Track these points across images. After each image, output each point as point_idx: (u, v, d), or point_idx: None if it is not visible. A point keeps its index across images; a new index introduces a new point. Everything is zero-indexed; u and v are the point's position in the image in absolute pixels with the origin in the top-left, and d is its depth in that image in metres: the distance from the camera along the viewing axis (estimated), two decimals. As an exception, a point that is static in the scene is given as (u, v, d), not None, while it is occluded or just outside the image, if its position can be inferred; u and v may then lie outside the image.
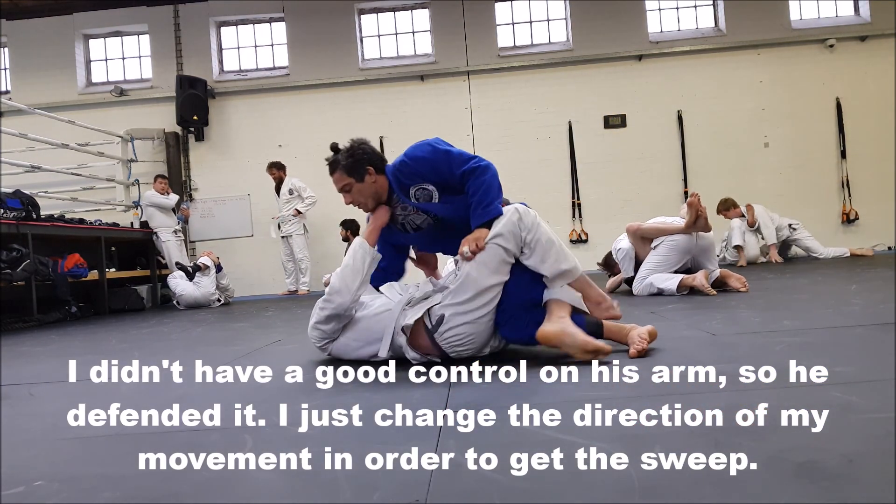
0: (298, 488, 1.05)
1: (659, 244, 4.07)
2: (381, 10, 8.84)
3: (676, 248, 4.01)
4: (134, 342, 3.63)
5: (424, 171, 2.11)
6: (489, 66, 8.46)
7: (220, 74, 8.82)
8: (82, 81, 8.85)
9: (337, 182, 2.18)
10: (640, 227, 4.20)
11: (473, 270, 1.96)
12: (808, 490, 0.88)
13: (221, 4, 8.73)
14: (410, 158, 2.13)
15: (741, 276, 3.87)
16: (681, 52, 8.41)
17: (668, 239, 4.05)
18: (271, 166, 7.49)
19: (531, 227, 1.98)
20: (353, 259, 2.11)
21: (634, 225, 4.26)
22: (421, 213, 2.21)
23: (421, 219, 2.22)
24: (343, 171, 2.16)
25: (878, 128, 8.13)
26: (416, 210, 2.20)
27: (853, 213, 8.13)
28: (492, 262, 1.96)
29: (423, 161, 2.12)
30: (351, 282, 2.07)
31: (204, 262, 6.60)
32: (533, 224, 1.99)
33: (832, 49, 8.27)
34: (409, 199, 2.15)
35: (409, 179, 2.12)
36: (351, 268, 2.09)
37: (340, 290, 2.06)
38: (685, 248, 4.02)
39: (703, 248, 4.08)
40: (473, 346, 2.02)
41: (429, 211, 2.18)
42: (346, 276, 2.08)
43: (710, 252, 4.12)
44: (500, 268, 1.98)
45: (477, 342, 2.02)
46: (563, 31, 8.69)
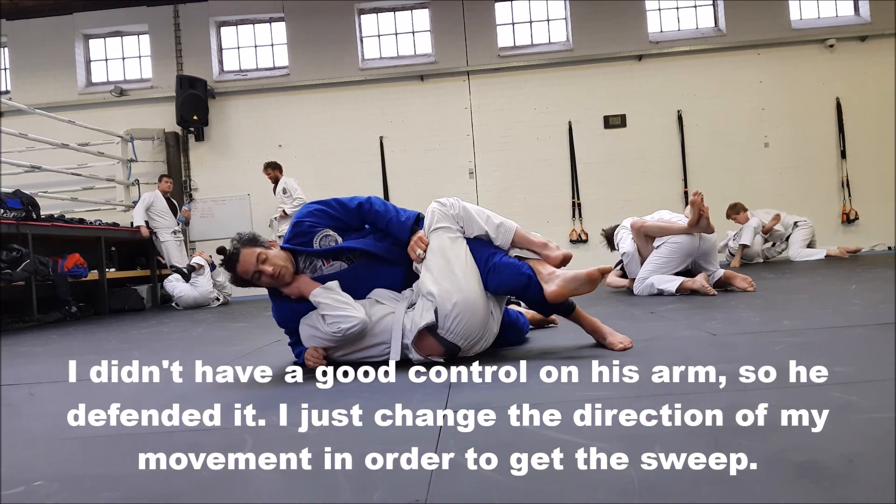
0: (298, 488, 1.05)
1: (662, 244, 4.06)
2: (381, 10, 8.84)
3: (680, 249, 3.99)
4: (134, 342, 3.63)
5: (321, 220, 2.21)
6: (489, 66, 8.46)
7: (220, 74, 8.82)
8: (82, 81, 8.85)
9: (249, 258, 2.10)
10: (644, 224, 4.18)
11: (435, 259, 2.03)
12: (808, 490, 0.88)
13: (221, 4, 8.73)
14: (303, 216, 2.23)
15: (746, 276, 3.84)
16: (681, 52, 8.41)
17: (670, 240, 4.02)
18: (267, 166, 7.50)
19: (454, 206, 2.10)
20: (325, 303, 2.06)
21: (638, 221, 4.24)
22: (332, 262, 2.19)
23: (334, 268, 2.19)
24: (248, 245, 2.14)
25: (878, 128, 8.13)
26: (326, 260, 2.19)
27: (853, 213, 8.13)
28: (444, 243, 2.05)
29: (316, 213, 2.22)
30: (344, 311, 2.04)
31: (197, 262, 6.60)
32: (454, 204, 2.11)
33: (832, 49, 8.27)
34: (316, 248, 2.18)
35: (310, 230, 2.20)
36: (331, 307, 2.05)
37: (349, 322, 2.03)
38: (688, 250, 3.99)
39: (705, 252, 4.06)
40: (475, 329, 2.02)
41: (340, 251, 2.18)
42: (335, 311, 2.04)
43: (711, 254, 4.11)
44: (456, 241, 2.06)
45: (477, 324, 2.02)
46: (563, 31, 8.69)
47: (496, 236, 2.10)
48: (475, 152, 8.44)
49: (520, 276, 2.03)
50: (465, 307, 1.98)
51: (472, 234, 2.09)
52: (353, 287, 2.14)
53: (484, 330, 2.06)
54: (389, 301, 2.15)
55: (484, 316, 2.04)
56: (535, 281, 2.03)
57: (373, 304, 2.16)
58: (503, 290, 2.09)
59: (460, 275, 2.00)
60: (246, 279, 2.14)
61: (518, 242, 2.10)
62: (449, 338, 2.01)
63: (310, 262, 2.20)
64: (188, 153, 8.67)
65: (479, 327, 2.03)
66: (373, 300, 2.17)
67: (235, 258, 2.12)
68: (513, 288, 2.07)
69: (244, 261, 2.11)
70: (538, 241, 2.11)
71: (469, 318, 1.99)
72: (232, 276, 2.17)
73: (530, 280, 2.03)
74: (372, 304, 2.16)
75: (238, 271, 2.12)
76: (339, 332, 2.03)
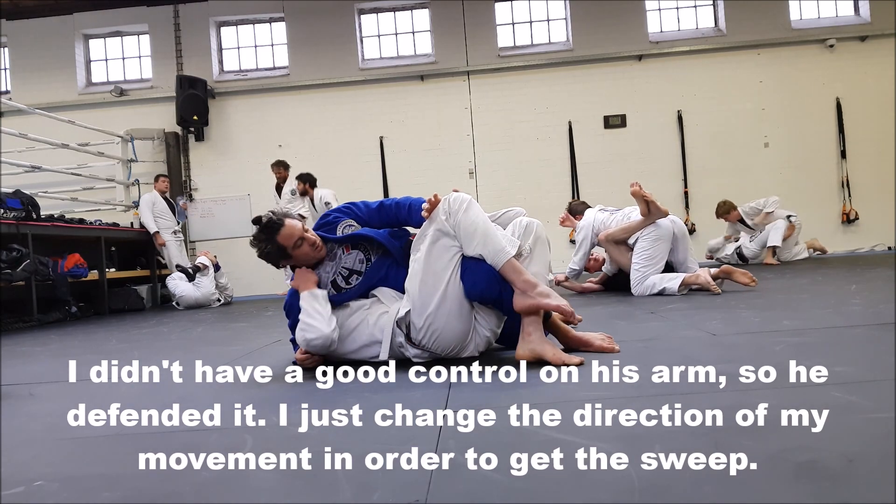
0: (298, 488, 1.05)
1: (638, 241, 4.09)
2: (381, 10, 8.84)
3: (658, 237, 4.03)
4: (134, 342, 3.63)
5: (346, 214, 2.36)
6: (489, 66, 8.46)
7: (220, 74, 8.82)
8: (82, 81, 8.85)
9: (294, 225, 2.18)
10: (609, 233, 4.24)
11: (418, 265, 2.00)
12: (808, 490, 0.88)
13: (221, 4, 8.73)
14: (331, 211, 2.41)
15: (747, 272, 3.83)
16: (681, 52, 8.41)
17: (643, 234, 4.07)
18: (277, 164, 7.40)
19: (454, 212, 1.98)
20: (304, 308, 2.08)
21: (603, 234, 4.29)
22: (351, 251, 2.23)
23: (352, 258, 2.22)
24: (289, 218, 2.22)
25: (878, 128, 8.14)
26: (346, 247, 2.24)
27: (853, 213, 8.13)
28: (432, 248, 2.00)
29: (342, 209, 2.38)
30: (314, 321, 2.04)
31: (202, 263, 6.60)
32: (458, 209, 1.98)
33: (832, 49, 8.27)
34: (338, 235, 2.26)
35: (335, 220, 2.33)
36: (307, 313, 2.06)
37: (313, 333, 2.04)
38: (665, 234, 4.04)
39: (682, 233, 4.15)
40: (451, 342, 2.00)
41: (359, 239, 2.24)
42: (307, 319, 2.05)
43: (686, 238, 4.20)
44: (439, 245, 1.99)
45: (452, 338, 2.00)
46: (563, 31, 8.69)
47: (491, 261, 1.96)
48: (475, 152, 8.44)
49: (494, 282, 1.94)
50: (437, 324, 1.97)
51: (463, 250, 1.98)
52: (370, 283, 2.20)
53: (464, 340, 2.03)
54: (389, 300, 2.15)
55: (461, 330, 2.00)
56: (509, 293, 1.95)
57: (374, 302, 2.17)
58: (476, 293, 1.97)
59: (439, 291, 1.95)
60: (285, 247, 2.16)
61: (504, 275, 1.94)
62: (424, 347, 2.02)
63: (331, 250, 2.25)
64: (188, 153, 8.67)
65: (455, 340, 2.01)
66: (376, 298, 2.18)
67: (279, 225, 2.16)
68: (484, 292, 1.96)
69: (289, 227, 2.16)
70: (520, 285, 1.93)
71: (442, 334, 1.98)
72: (266, 245, 2.18)
73: (502, 292, 1.95)
74: (373, 302, 2.17)
75: (280, 237, 2.15)
76: (302, 341, 2.06)
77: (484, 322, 2.07)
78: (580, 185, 8.36)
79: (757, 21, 8.31)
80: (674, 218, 4.16)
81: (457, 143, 8.44)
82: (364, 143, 8.49)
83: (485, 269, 1.95)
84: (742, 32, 8.33)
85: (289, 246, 2.16)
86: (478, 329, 2.06)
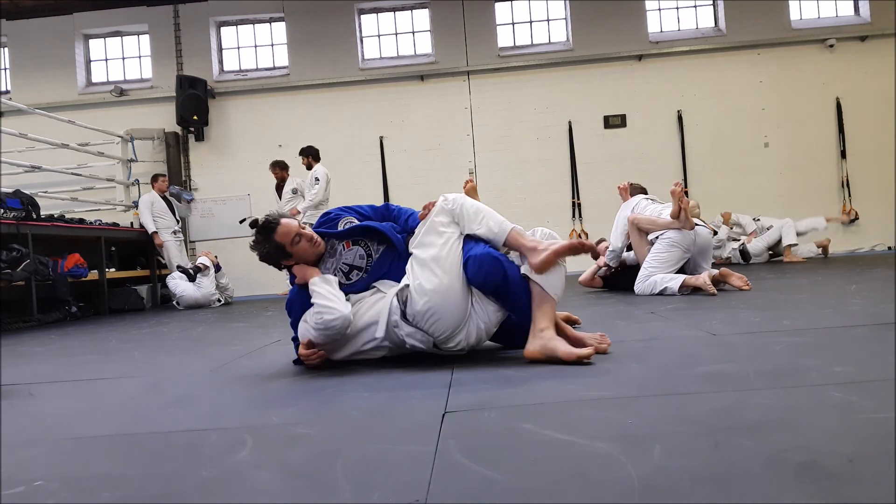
0: (298, 488, 1.04)
1: (657, 242, 4.10)
2: (381, 10, 8.84)
3: (675, 243, 4.04)
4: (134, 342, 3.63)
5: (347, 212, 2.41)
6: (489, 66, 8.46)
7: (220, 74, 8.82)
8: (82, 81, 8.85)
9: (290, 224, 2.22)
10: (637, 218, 4.26)
11: (419, 250, 2.05)
12: (808, 490, 0.88)
13: (221, 4, 8.73)
14: (333, 209, 2.44)
15: (742, 276, 3.89)
16: (681, 52, 8.41)
17: (664, 237, 4.07)
18: (275, 165, 7.40)
19: (455, 201, 2.10)
20: (318, 291, 2.08)
21: (632, 215, 4.31)
22: (352, 247, 2.26)
23: (353, 254, 2.25)
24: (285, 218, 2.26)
25: (878, 128, 8.14)
26: (347, 243, 2.27)
27: (853, 213, 8.13)
28: (434, 237, 2.05)
29: (345, 208, 2.43)
30: (330, 302, 2.05)
31: (203, 263, 6.60)
32: (455, 199, 2.11)
33: (832, 49, 8.27)
34: (339, 230, 2.30)
35: (336, 217, 2.38)
36: (322, 296, 2.06)
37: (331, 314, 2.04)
38: (685, 246, 4.05)
39: (702, 248, 4.15)
40: (445, 322, 1.99)
41: (359, 233, 2.27)
42: (323, 301, 2.05)
43: (707, 253, 4.21)
44: (444, 235, 2.05)
45: (450, 321, 1.99)
46: (563, 31, 8.69)
47: (490, 237, 2.08)
48: (475, 152, 8.44)
49: (497, 265, 1.97)
50: (436, 304, 1.97)
51: (467, 231, 2.08)
52: (373, 280, 2.22)
53: (458, 325, 2.02)
54: (388, 288, 2.16)
55: (457, 312, 2.00)
56: (514, 274, 2.00)
57: (374, 292, 2.19)
58: (480, 278, 1.99)
59: (438, 272, 1.98)
60: (283, 245, 2.18)
61: (510, 243, 2.07)
62: (418, 327, 2.02)
63: (331, 246, 2.27)
64: (188, 153, 8.67)
65: (449, 322, 2.00)
66: (375, 288, 2.20)
67: (275, 224, 2.20)
68: (488, 276, 1.98)
69: (285, 225, 2.19)
70: (528, 244, 2.05)
71: (438, 312, 1.98)
72: (265, 246, 2.20)
73: (507, 274, 1.98)
74: (373, 292, 2.18)
75: (277, 235, 2.18)
76: (321, 323, 2.03)
77: (481, 312, 2.04)
78: (580, 184, 8.36)
79: (757, 21, 8.31)
80: (700, 230, 4.14)
81: (457, 143, 8.44)
82: (364, 143, 8.49)
83: (489, 254, 1.98)
84: (742, 32, 8.33)
85: (287, 243, 2.17)
86: (472, 318, 2.04)
